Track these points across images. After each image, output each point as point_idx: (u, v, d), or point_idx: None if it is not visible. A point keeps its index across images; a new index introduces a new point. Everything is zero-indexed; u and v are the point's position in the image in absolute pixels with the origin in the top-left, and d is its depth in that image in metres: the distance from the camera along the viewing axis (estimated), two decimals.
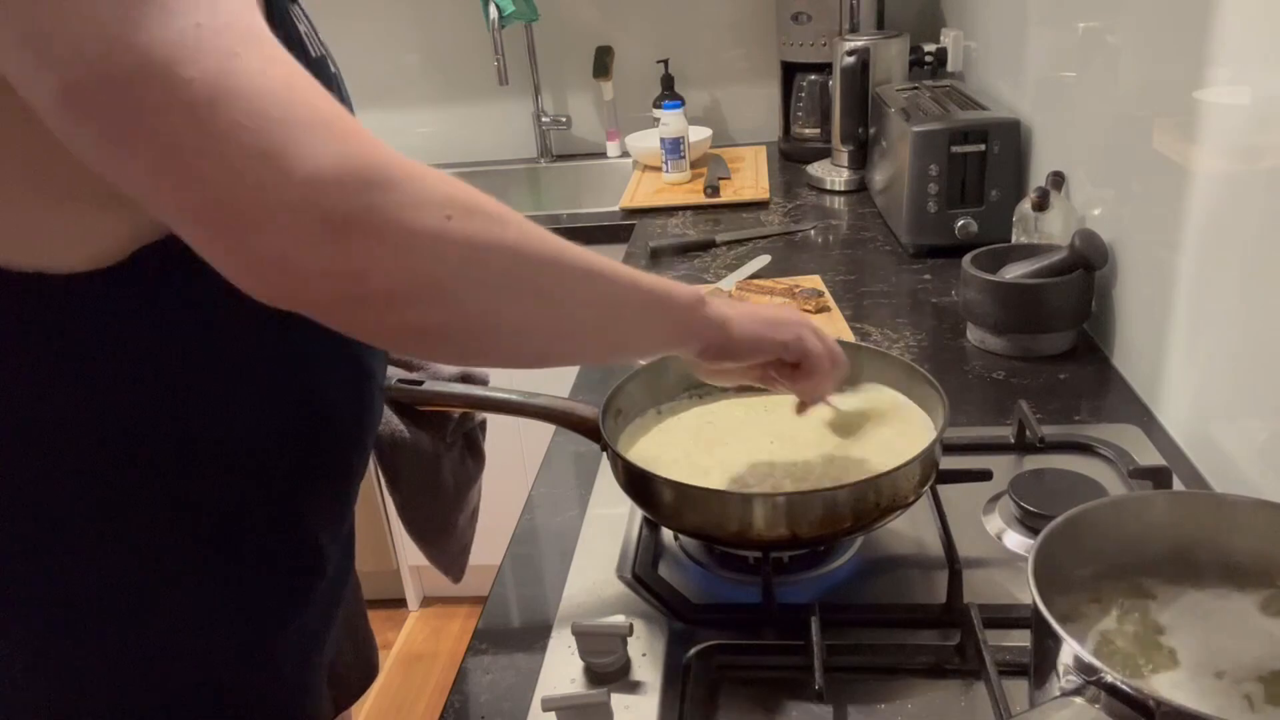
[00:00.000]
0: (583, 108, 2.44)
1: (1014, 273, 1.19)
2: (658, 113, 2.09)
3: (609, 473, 0.89)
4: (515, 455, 1.92)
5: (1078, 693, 0.52)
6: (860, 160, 1.94)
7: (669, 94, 2.26)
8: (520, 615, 0.85)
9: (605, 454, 0.83)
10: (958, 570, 0.74)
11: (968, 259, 1.23)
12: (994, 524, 0.87)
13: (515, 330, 0.53)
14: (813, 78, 2.14)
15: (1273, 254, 0.81)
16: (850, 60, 1.86)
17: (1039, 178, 1.37)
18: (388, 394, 0.89)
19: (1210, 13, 0.89)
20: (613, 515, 0.93)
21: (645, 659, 0.74)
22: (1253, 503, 0.64)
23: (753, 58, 2.35)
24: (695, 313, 0.66)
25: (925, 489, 0.78)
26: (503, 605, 0.86)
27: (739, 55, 2.36)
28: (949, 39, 1.94)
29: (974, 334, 1.24)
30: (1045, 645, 0.55)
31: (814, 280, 1.47)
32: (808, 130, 2.20)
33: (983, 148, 1.47)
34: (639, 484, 0.78)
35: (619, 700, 0.70)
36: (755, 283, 1.43)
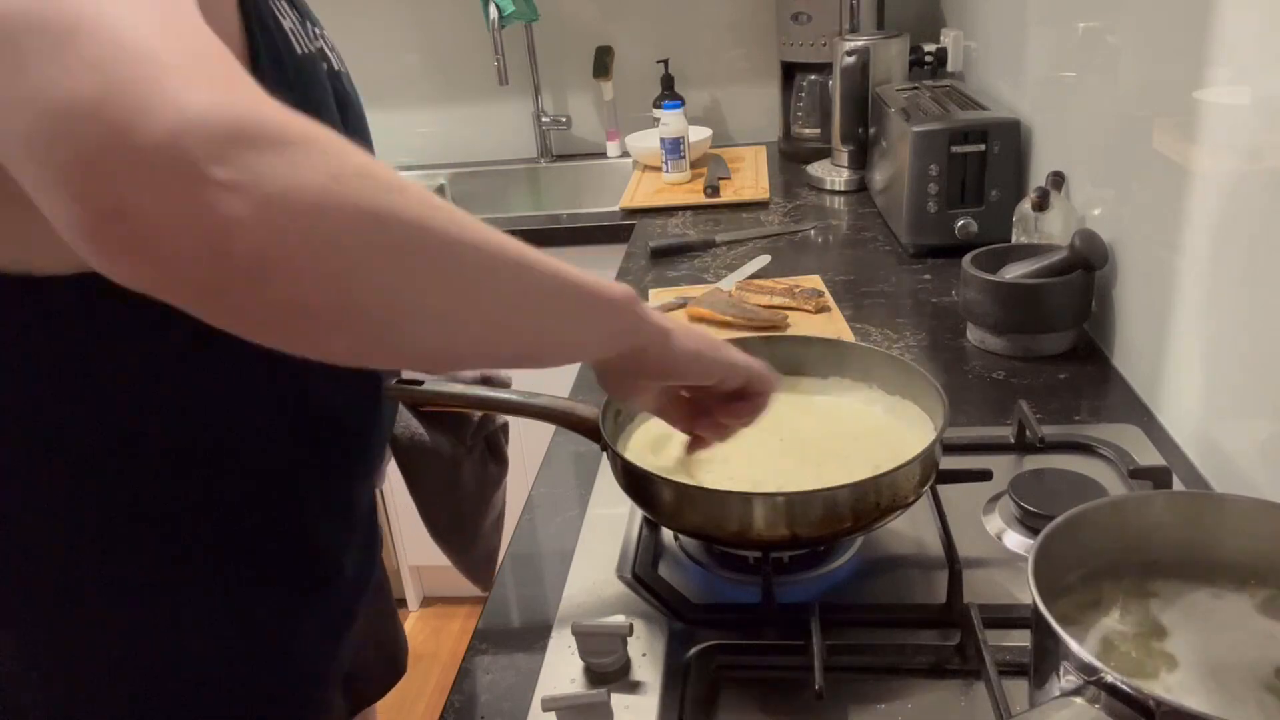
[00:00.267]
0: (583, 108, 2.44)
1: (1014, 273, 1.19)
2: (658, 113, 2.09)
3: (609, 473, 0.89)
4: (515, 455, 1.90)
5: (1078, 693, 0.52)
6: (860, 160, 1.94)
7: (669, 94, 2.26)
8: (520, 615, 0.85)
9: (605, 454, 0.83)
10: (958, 570, 0.74)
11: (968, 259, 1.23)
12: (994, 524, 0.87)
13: (415, 320, 0.45)
14: (813, 78, 2.14)
15: (1273, 254, 0.81)
16: (850, 60, 1.86)
17: (1039, 178, 1.37)
18: (390, 394, 0.89)
19: (1210, 13, 0.89)
20: (613, 515, 0.93)
21: (645, 659, 0.74)
22: (1253, 503, 0.64)
23: (753, 58, 2.35)
24: (629, 311, 0.59)
25: (925, 489, 0.78)
26: (503, 605, 0.86)
27: (739, 55, 2.36)
28: (949, 39, 1.94)
29: (974, 334, 1.24)
30: (1045, 645, 0.55)
31: (814, 280, 1.47)
32: (808, 130, 2.20)
33: (983, 148, 1.47)
34: (639, 484, 0.78)
35: (619, 700, 0.70)
36: (755, 283, 1.43)
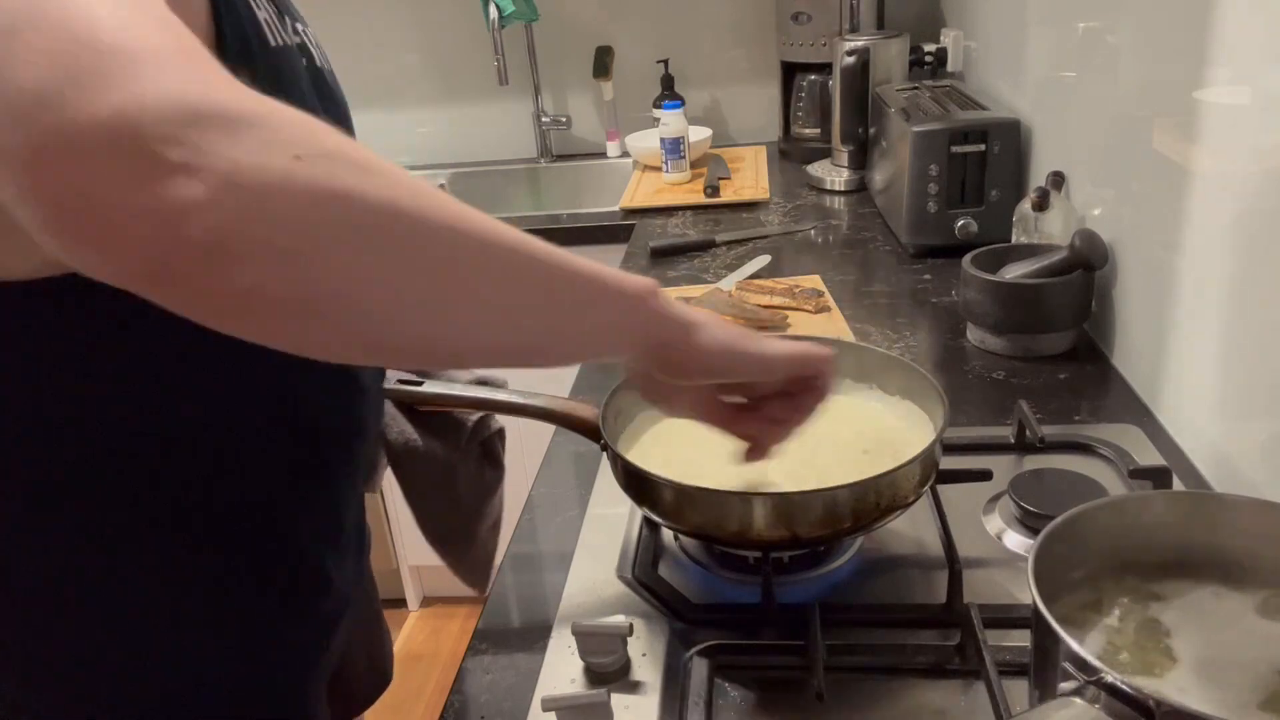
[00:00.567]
0: (583, 108, 2.44)
1: (1014, 273, 1.19)
2: (658, 113, 2.09)
3: (609, 473, 0.89)
4: (515, 455, 1.90)
5: (1078, 693, 0.52)
6: (860, 160, 1.94)
7: (669, 94, 2.26)
8: (520, 615, 0.85)
9: (605, 454, 0.83)
10: (958, 570, 0.74)
11: (968, 259, 1.23)
12: (994, 524, 0.87)
13: (392, 307, 0.42)
14: (813, 78, 2.14)
15: (1272, 254, 0.81)
16: (850, 60, 1.86)
17: (1039, 178, 1.37)
18: (388, 395, 0.88)
19: (1210, 13, 0.89)
20: (613, 515, 0.93)
21: (645, 659, 0.74)
22: (1253, 503, 0.64)
23: (753, 58, 2.35)
24: (644, 304, 0.54)
25: (925, 489, 0.78)
26: (503, 605, 0.86)
27: (739, 55, 2.36)
28: (949, 39, 1.94)
29: (974, 334, 1.24)
30: (1045, 645, 0.55)
31: (814, 280, 1.47)
32: (808, 130, 2.20)
33: (983, 148, 1.47)
34: (639, 484, 0.78)
35: (619, 700, 0.70)
36: (755, 283, 1.42)
